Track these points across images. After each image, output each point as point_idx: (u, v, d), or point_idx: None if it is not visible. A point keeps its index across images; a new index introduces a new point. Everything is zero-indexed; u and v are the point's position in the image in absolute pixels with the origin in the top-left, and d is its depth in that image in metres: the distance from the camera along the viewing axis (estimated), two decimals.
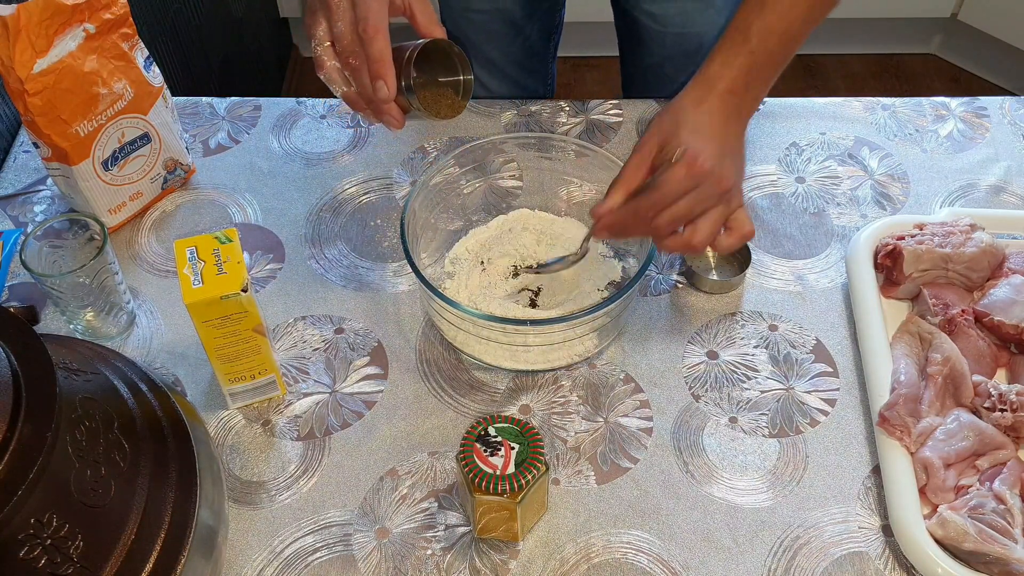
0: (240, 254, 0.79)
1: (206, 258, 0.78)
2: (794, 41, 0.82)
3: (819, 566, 0.78)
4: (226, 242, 0.79)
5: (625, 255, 0.97)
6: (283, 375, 0.91)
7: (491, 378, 0.91)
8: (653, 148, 0.79)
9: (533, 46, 1.27)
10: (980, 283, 0.92)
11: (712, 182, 0.77)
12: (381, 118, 0.78)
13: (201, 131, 1.13)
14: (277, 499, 0.83)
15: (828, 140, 1.11)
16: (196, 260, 0.78)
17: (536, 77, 1.32)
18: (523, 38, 1.25)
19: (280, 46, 2.45)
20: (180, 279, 0.77)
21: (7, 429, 0.62)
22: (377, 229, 1.03)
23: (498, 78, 1.28)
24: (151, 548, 0.71)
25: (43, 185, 1.07)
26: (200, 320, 0.78)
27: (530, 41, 1.26)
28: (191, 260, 0.78)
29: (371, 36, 0.73)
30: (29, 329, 0.70)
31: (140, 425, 0.77)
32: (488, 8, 1.19)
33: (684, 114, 0.79)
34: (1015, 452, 0.81)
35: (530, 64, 1.30)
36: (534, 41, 1.27)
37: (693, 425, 0.87)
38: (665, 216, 0.78)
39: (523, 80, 1.30)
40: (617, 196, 0.80)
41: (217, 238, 0.80)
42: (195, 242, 0.79)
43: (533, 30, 1.25)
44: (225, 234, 0.80)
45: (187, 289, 0.76)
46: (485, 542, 0.80)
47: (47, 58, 0.89)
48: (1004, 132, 1.11)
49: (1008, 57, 2.31)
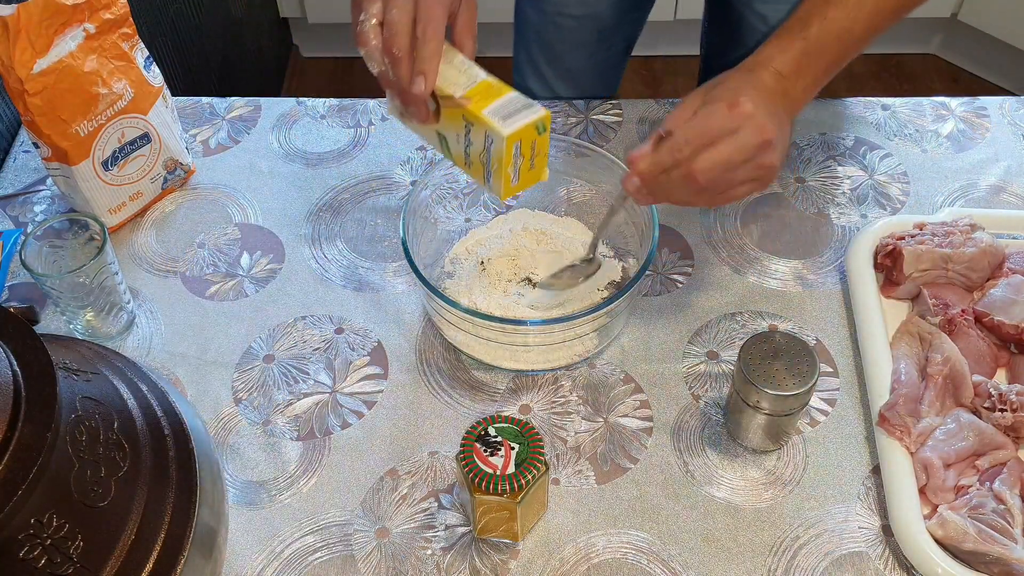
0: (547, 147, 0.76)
1: (526, 154, 0.75)
2: (854, 43, 0.81)
3: (819, 566, 0.78)
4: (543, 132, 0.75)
5: (625, 255, 0.97)
6: (284, 374, 0.91)
7: (491, 378, 0.91)
8: (696, 101, 0.76)
9: (613, 57, 1.28)
10: (980, 283, 0.92)
11: (753, 128, 0.74)
12: (408, 108, 0.77)
13: (201, 131, 1.13)
14: (277, 499, 0.83)
15: (828, 140, 1.11)
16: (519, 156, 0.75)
17: (607, 87, 1.32)
18: (606, 47, 1.25)
19: (280, 46, 2.45)
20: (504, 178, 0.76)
21: (7, 429, 0.62)
22: (377, 229, 1.03)
23: (573, 88, 1.28)
24: (151, 548, 0.71)
25: (43, 185, 1.07)
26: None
27: (612, 52, 1.26)
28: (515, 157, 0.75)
29: (428, 38, 0.73)
30: (29, 329, 0.70)
31: (140, 425, 0.77)
32: (580, 13, 1.19)
33: (728, 79, 0.78)
34: (1015, 452, 0.81)
35: (607, 75, 1.30)
36: (615, 52, 1.27)
37: (693, 425, 0.87)
38: (705, 159, 0.73)
39: (592, 88, 1.29)
40: (654, 141, 0.77)
41: (536, 127, 0.75)
42: (521, 135, 0.74)
43: (617, 40, 1.25)
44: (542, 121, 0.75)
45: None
46: (485, 542, 0.80)
47: (47, 58, 0.89)
48: (1004, 132, 1.11)
49: (1008, 57, 2.31)
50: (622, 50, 1.29)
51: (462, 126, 0.76)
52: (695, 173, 0.74)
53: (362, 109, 1.15)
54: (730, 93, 0.75)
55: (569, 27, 1.21)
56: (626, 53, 1.31)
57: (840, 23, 0.79)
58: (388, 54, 0.75)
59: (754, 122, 0.74)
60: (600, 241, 0.90)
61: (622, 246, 0.97)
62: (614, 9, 1.20)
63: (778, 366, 0.78)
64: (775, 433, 0.82)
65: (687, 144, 0.74)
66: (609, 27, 1.22)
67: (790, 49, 0.79)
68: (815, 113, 1.13)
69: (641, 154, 0.77)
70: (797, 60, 0.79)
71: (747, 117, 0.74)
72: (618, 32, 1.24)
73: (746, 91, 0.75)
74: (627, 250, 0.97)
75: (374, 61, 0.77)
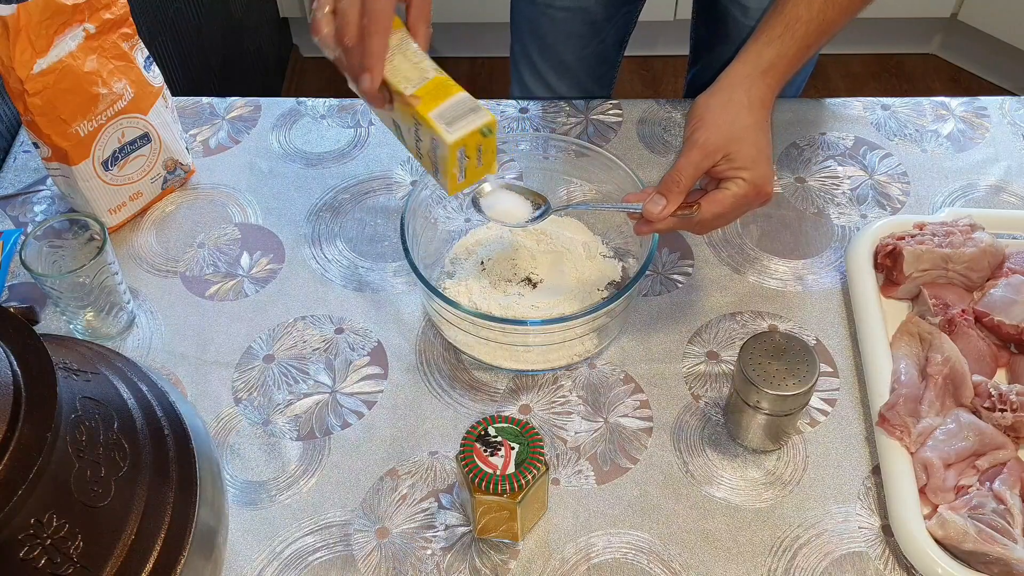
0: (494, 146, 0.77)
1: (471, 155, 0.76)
2: (832, 29, 0.82)
3: (819, 566, 0.78)
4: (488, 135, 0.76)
5: (625, 255, 0.97)
6: (284, 374, 0.91)
7: (491, 378, 0.91)
8: (719, 153, 0.79)
9: (607, 51, 1.28)
10: (980, 283, 0.92)
11: (766, 199, 0.82)
12: (362, 96, 0.78)
13: (201, 131, 1.13)
14: (277, 499, 0.83)
15: (828, 140, 1.11)
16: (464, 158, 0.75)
17: (602, 83, 1.33)
18: (599, 40, 1.25)
19: (280, 46, 2.45)
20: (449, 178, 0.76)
21: (7, 429, 0.62)
22: (377, 229, 1.03)
23: (567, 82, 1.29)
24: (151, 548, 0.71)
25: (43, 185, 1.07)
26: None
27: (605, 44, 1.27)
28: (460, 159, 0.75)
29: (372, 32, 0.73)
30: (29, 329, 0.70)
31: (140, 425, 0.77)
32: (571, 5, 1.20)
33: (750, 119, 0.80)
34: (1015, 452, 0.81)
35: (600, 69, 1.30)
36: (608, 45, 1.28)
37: (693, 425, 0.87)
38: (716, 226, 0.83)
39: (589, 86, 1.30)
40: (676, 200, 0.80)
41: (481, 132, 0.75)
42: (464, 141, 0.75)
43: (609, 33, 1.26)
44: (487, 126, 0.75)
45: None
46: (485, 542, 0.80)
47: (47, 58, 0.89)
48: (1004, 132, 1.11)
49: (1008, 57, 2.31)
50: (615, 44, 1.29)
51: (412, 122, 0.76)
52: (707, 229, 0.83)
53: (362, 109, 1.15)
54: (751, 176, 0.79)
55: (560, 19, 1.22)
56: (620, 48, 1.31)
57: (825, 13, 0.81)
58: (340, 44, 0.75)
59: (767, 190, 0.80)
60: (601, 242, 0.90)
61: (622, 246, 0.97)
62: (603, 3, 1.20)
63: (778, 366, 0.78)
64: (775, 433, 0.82)
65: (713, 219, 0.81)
66: (599, 20, 1.22)
67: (787, 52, 0.81)
68: (815, 113, 1.13)
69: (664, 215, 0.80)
70: (793, 62, 0.82)
71: (767, 196, 0.81)
72: (609, 25, 1.25)
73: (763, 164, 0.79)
74: (627, 250, 0.97)
75: (328, 48, 0.77)
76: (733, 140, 0.79)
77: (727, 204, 0.80)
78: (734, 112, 0.80)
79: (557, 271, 0.95)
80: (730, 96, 0.80)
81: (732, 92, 0.81)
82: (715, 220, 0.81)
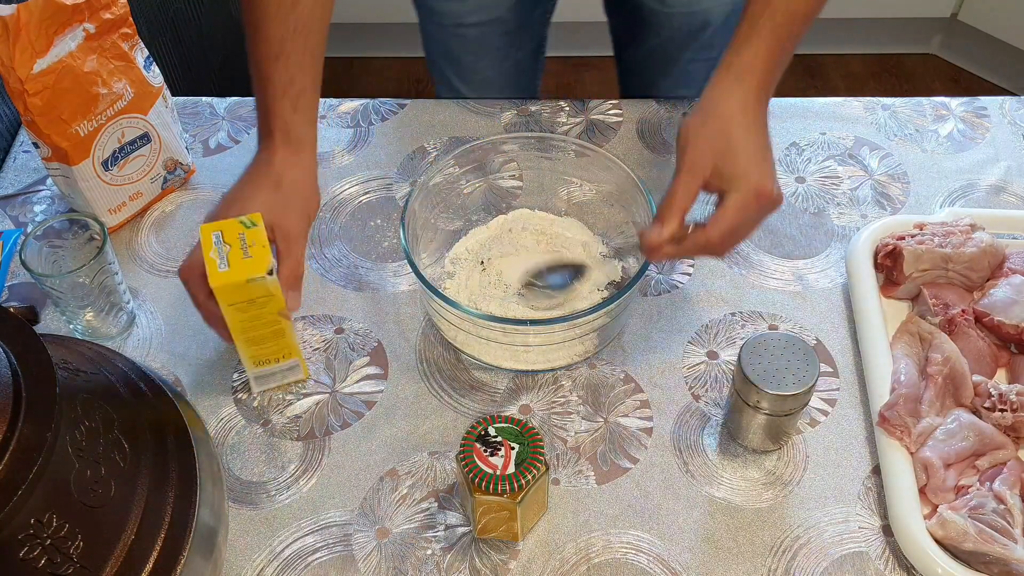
0: (265, 238, 0.79)
1: (232, 242, 0.78)
2: (808, 22, 0.82)
3: (819, 566, 0.78)
4: (251, 226, 0.79)
5: (625, 255, 0.97)
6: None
7: (491, 378, 0.91)
8: (707, 169, 0.79)
9: (523, 63, 1.27)
10: (980, 283, 0.92)
11: (773, 201, 0.80)
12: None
13: (201, 131, 1.13)
14: (277, 499, 0.83)
15: (828, 140, 1.11)
16: (222, 244, 0.78)
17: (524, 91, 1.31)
18: (515, 49, 1.24)
19: None
20: (206, 263, 0.77)
21: (7, 429, 0.62)
22: (377, 229, 1.03)
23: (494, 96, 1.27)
24: (151, 548, 0.71)
25: (43, 185, 1.07)
26: (227, 303, 0.78)
27: (520, 55, 1.26)
28: (217, 244, 0.78)
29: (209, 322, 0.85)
30: (29, 329, 0.70)
31: (140, 425, 0.77)
32: (483, 20, 1.18)
33: (734, 127, 0.79)
34: (1015, 452, 0.81)
35: (520, 78, 1.29)
36: (524, 57, 1.27)
37: (693, 425, 0.87)
38: (730, 243, 0.81)
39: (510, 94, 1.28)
40: (672, 223, 0.79)
41: (243, 223, 0.80)
42: (221, 226, 0.79)
43: (525, 40, 1.25)
44: (250, 219, 0.80)
45: (213, 272, 0.77)
46: (485, 542, 0.80)
47: (47, 58, 0.89)
48: (1004, 132, 1.11)
49: (1008, 57, 2.31)
50: (533, 51, 1.28)
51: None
52: (724, 250, 0.82)
53: (362, 109, 1.15)
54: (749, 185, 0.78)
55: (472, 36, 1.20)
56: (538, 53, 1.30)
57: (801, 7, 0.81)
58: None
59: (775, 199, 0.80)
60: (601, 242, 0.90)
61: (622, 246, 0.97)
62: (515, 11, 1.19)
63: (778, 366, 0.78)
64: (775, 433, 0.82)
65: (724, 238, 0.80)
66: (513, 30, 1.21)
67: (763, 52, 0.81)
68: (815, 113, 1.13)
69: (664, 239, 0.80)
70: (773, 62, 0.81)
71: (774, 201, 0.80)
72: (524, 33, 1.24)
73: (760, 168, 0.79)
74: (627, 250, 0.97)
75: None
76: (718, 154, 0.79)
77: (731, 217, 0.79)
78: (716, 127, 0.80)
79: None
80: (711, 111, 0.81)
81: (713, 107, 0.81)
82: (727, 238, 0.80)
